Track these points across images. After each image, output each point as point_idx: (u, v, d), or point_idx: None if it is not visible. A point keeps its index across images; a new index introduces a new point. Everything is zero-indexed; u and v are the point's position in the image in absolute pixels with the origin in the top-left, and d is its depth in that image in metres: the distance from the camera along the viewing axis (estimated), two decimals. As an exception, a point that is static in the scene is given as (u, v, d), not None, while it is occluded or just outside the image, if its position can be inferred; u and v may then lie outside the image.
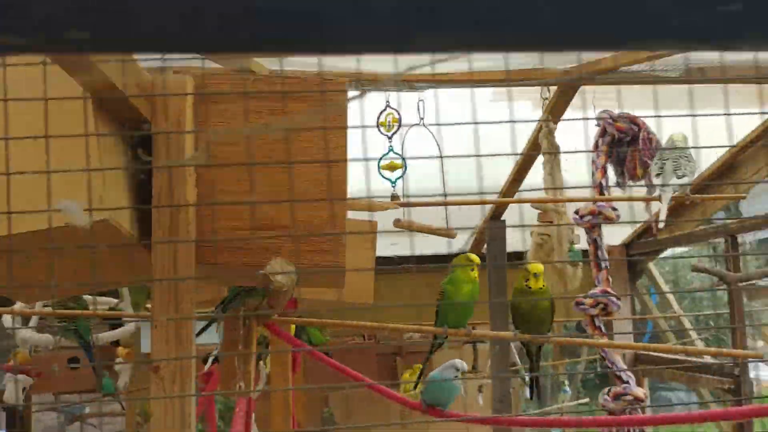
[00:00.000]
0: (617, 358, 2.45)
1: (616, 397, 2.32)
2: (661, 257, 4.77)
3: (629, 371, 2.44)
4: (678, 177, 2.43)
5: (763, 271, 3.94)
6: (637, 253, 4.36)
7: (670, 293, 4.96)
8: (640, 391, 2.37)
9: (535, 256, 2.67)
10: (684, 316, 5.21)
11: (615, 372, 2.40)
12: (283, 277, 1.37)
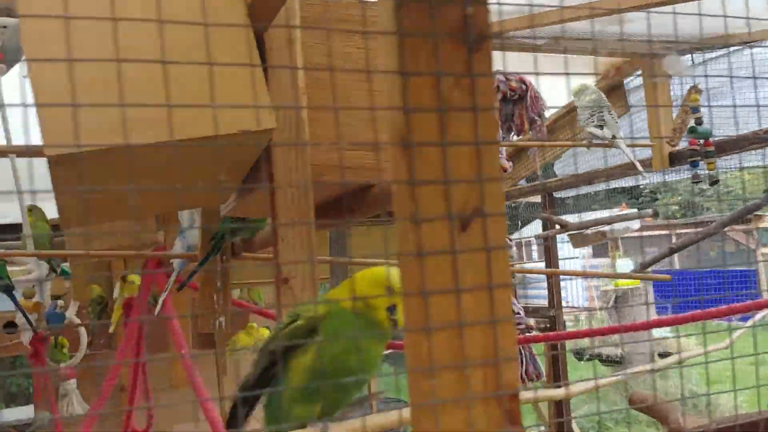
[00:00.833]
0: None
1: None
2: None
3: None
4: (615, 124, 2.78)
5: (595, 221, 4.48)
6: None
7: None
8: (531, 321, 2.71)
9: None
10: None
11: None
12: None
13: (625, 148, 2.87)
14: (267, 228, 1.65)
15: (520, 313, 2.74)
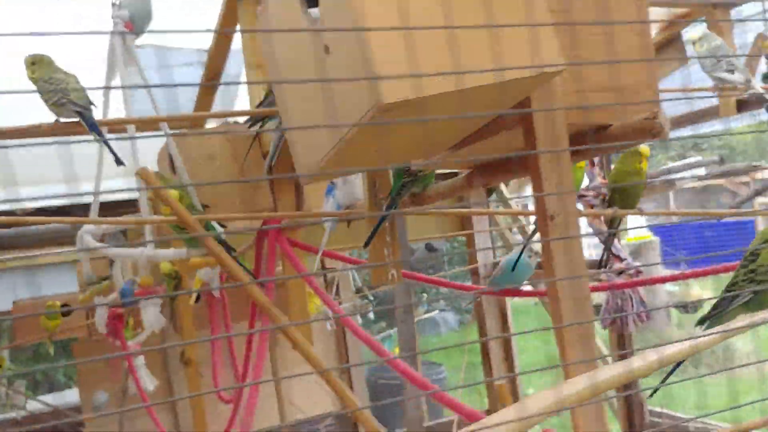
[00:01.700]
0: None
1: (620, 273, 2.65)
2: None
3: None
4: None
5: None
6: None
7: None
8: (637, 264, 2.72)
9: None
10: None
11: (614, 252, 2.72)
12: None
13: (761, 89, 2.81)
14: (434, 183, 1.64)
15: (627, 259, 2.75)
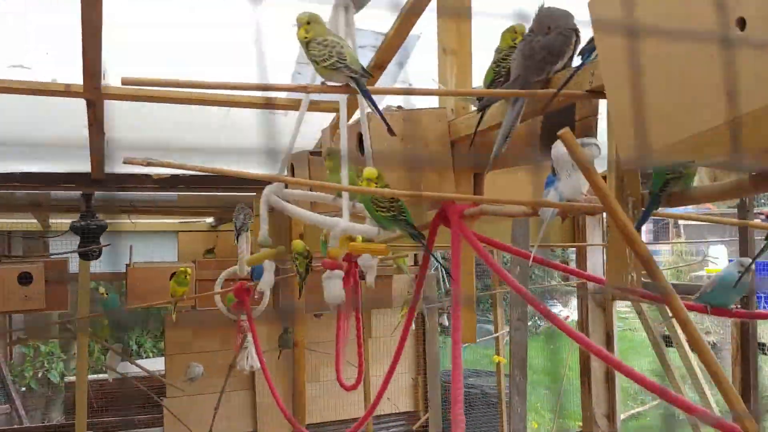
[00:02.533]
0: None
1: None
2: None
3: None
4: None
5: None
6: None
7: None
8: None
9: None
10: None
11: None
12: None
13: None
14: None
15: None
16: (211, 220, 6.83)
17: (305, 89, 1.52)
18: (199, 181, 4.41)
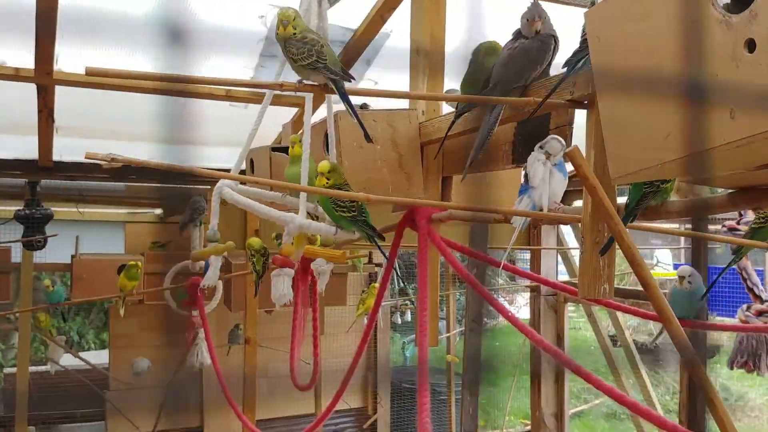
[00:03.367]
0: (753, 274, 2.70)
1: (760, 314, 2.57)
2: None
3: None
4: None
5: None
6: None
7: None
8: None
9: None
10: None
11: (753, 288, 2.64)
12: None
13: None
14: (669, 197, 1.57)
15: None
16: (159, 211, 6.66)
17: (281, 87, 1.46)
18: (152, 173, 4.28)
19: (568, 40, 1.75)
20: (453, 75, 2.43)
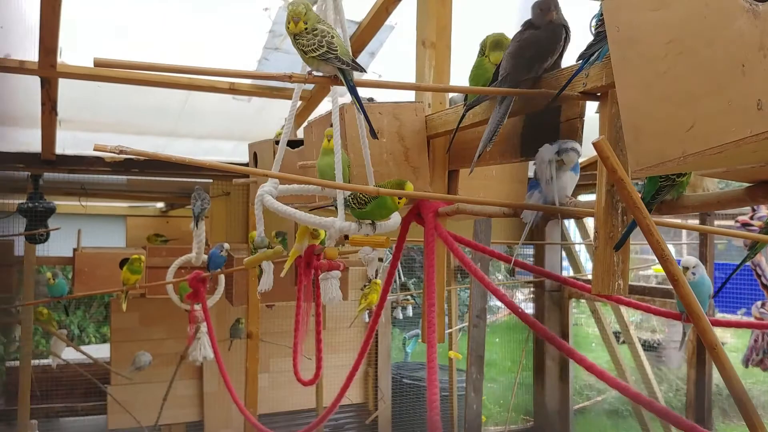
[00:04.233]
0: (768, 268, 2.67)
1: (774, 309, 2.55)
2: None
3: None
4: None
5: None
6: None
7: None
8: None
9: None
10: None
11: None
12: None
13: None
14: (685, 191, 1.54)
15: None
16: (161, 205, 6.64)
17: (289, 78, 1.43)
18: (154, 166, 4.26)
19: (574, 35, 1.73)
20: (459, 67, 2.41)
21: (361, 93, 1.64)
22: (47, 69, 2.86)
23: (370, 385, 6.87)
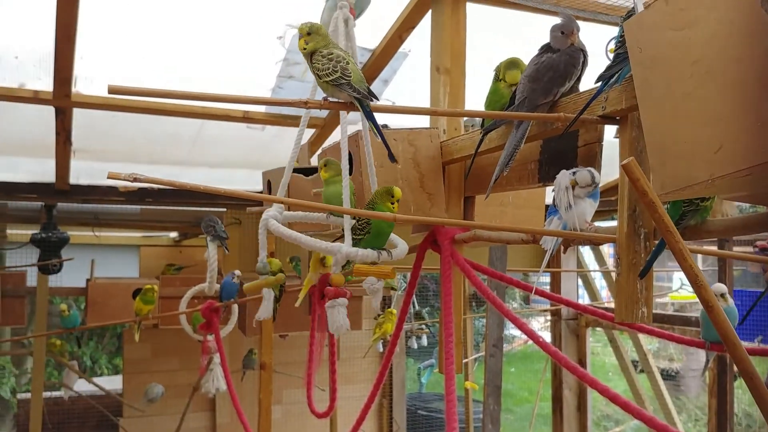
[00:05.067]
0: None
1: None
2: None
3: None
4: None
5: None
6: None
7: None
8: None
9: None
10: None
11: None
12: None
13: None
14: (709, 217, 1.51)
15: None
16: (174, 234, 6.64)
17: (305, 104, 1.41)
18: (168, 195, 4.26)
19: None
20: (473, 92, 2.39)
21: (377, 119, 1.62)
22: (62, 99, 2.87)
23: (384, 416, 6.78)
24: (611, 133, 1.68)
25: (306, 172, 2.76)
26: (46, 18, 2.39)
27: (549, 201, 1.96)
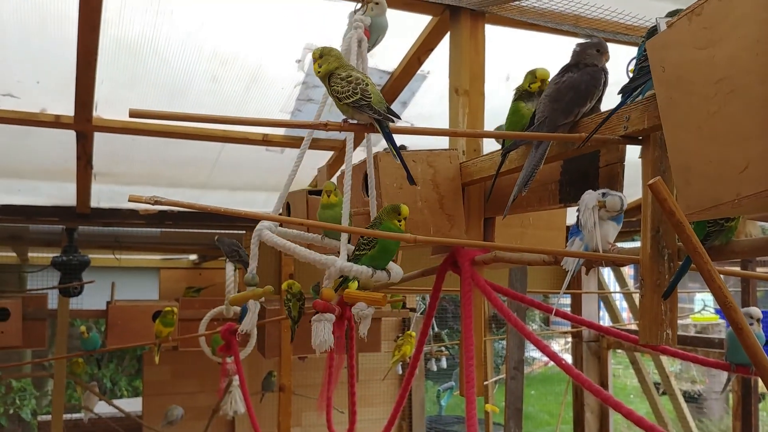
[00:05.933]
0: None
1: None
2: None
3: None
4: None
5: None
6: None
7: None
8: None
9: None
10: None
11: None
12: None
13: None
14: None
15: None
16: (194, 257, 6.66)
17: (325, 126, 1.41)
18: (188, 218, 4.28)
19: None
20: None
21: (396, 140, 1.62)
22: (83, 123, 2.90)
23: (404, 439, 6.73)
24: (631, 154, 1.67)
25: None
26: (68, 43, 2.42)
27: (570, 222, 1.94)
